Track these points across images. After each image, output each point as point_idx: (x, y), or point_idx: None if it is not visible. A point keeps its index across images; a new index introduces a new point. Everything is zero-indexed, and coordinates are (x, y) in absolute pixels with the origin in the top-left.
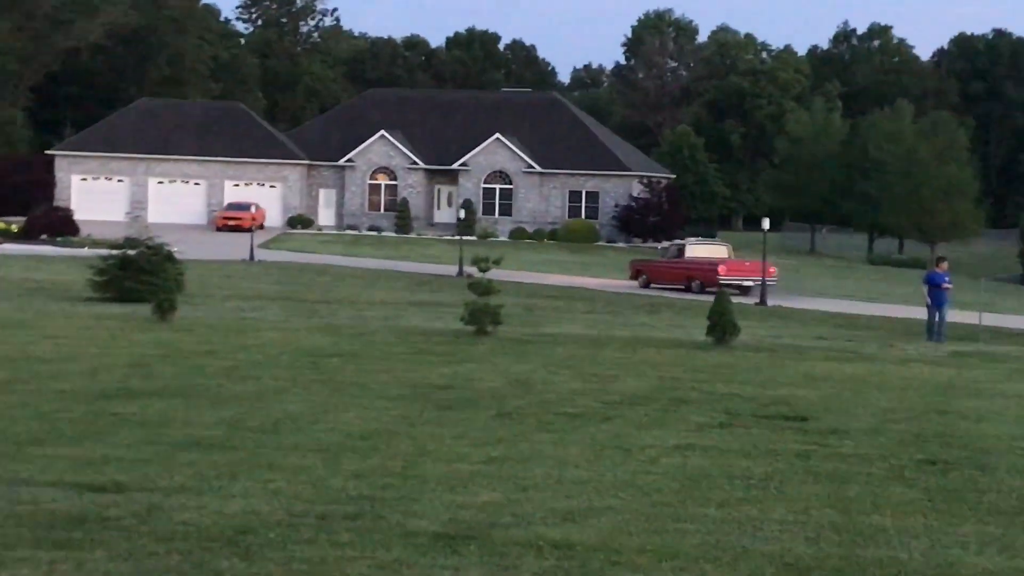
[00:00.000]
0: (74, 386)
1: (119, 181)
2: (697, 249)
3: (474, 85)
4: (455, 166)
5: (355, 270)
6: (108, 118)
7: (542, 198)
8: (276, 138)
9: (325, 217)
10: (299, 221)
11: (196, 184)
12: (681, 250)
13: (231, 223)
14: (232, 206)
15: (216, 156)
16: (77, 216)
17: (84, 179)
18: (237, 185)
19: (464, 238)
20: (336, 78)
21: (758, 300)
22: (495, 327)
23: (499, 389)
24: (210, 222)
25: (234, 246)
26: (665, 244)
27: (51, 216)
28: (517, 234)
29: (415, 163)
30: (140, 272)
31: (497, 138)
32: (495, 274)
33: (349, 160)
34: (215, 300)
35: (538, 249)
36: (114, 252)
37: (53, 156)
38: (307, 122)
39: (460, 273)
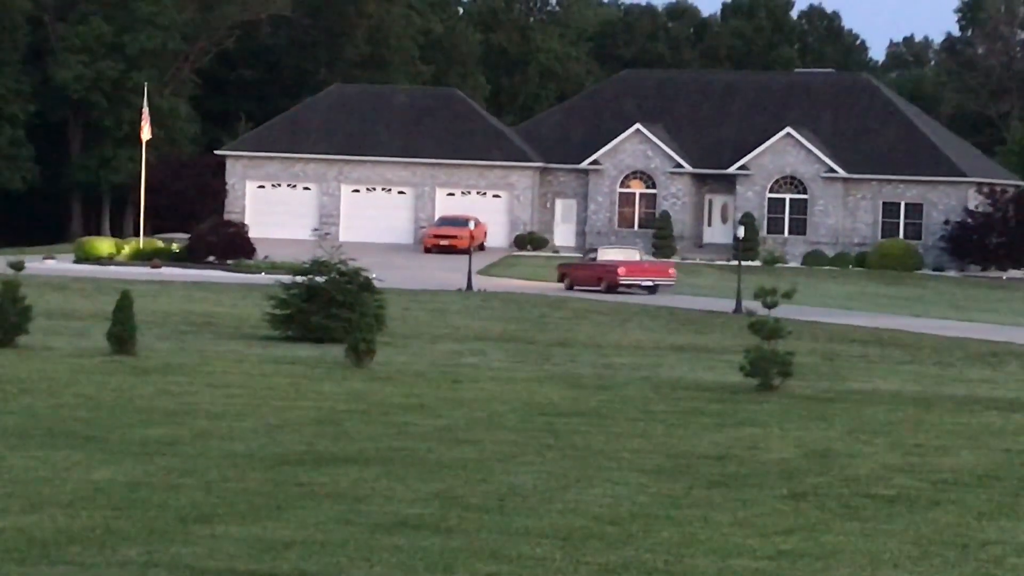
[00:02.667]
0: (248, 448)
1: (305, 189)
2: (609, 253)
3: (758, 65)
4: (732, 170)
5: (599, 304)
6: (292, 110)
7: (847, 212)
8: (502, 134)
9: (562, 235)
10: (529, 240)
11: (400, 193)
12: (596, 254)
13: (443, 243)
14: (445, 221)
15: (426, 157)
16: (252, 233)
17: (261, 186)
18: (451, 194)
19: (743, 264)
20: (579, 57)
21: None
22: (784, 380)
23: (790, 462)
24: (417, 241)
25: (447, 272)
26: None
27: (221, 233)
28: (813, 259)
29: (679, 166)
30: (330, 305)
31: (788, 133)
32: (784, 311)
33: (594, 162)
34: (423, 341)
35: (841, 279)
36: (298, 279)
37: (223, 157)
38: (541, 113)
39: (738, 309)
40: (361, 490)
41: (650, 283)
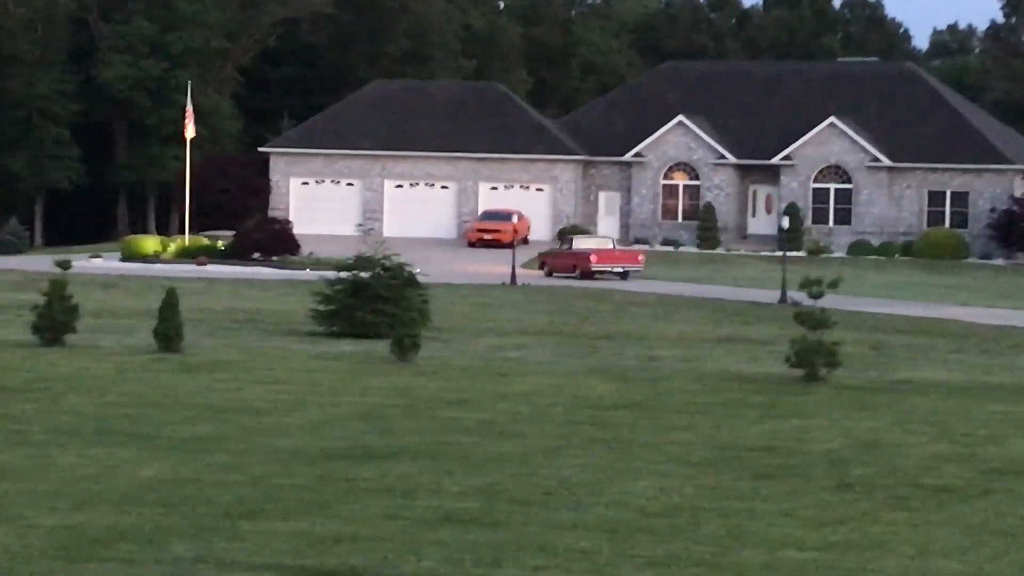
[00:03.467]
0: (295, 444)
1: (348, 185)
2: (583, 241)
3: (801, 55)
4: (776, 160)
5: (644, 296)
6: (334, 106)
7: (892, 201)
8: (544, 127)
9: (606, 228)
10: (573, 233)
11: (443, 188)
12: (572, 242)
13: (487, 236)
14: (488, 215)
15: (469, 152)
16: (296, 229)
17: (305, 183)
18: (495, 188)
19: (788, 254)
20: (621, 49)
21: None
22: (830, 371)
23: (837, 452)
24: (461, 235)
25: (491, 266)
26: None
27: (265, 230)
28: (858, 248)
29: (723, 157)
30: (375, 300)
31: (832, 123)
32: (830, 301)
33: (638, 154)
34: (468, 335)
35: (887, 268)
36: (342, 275)
37: (267, 154)
38: (583, 107)
39: (783, 300)
40: (407, 485)
41: (620, 269)
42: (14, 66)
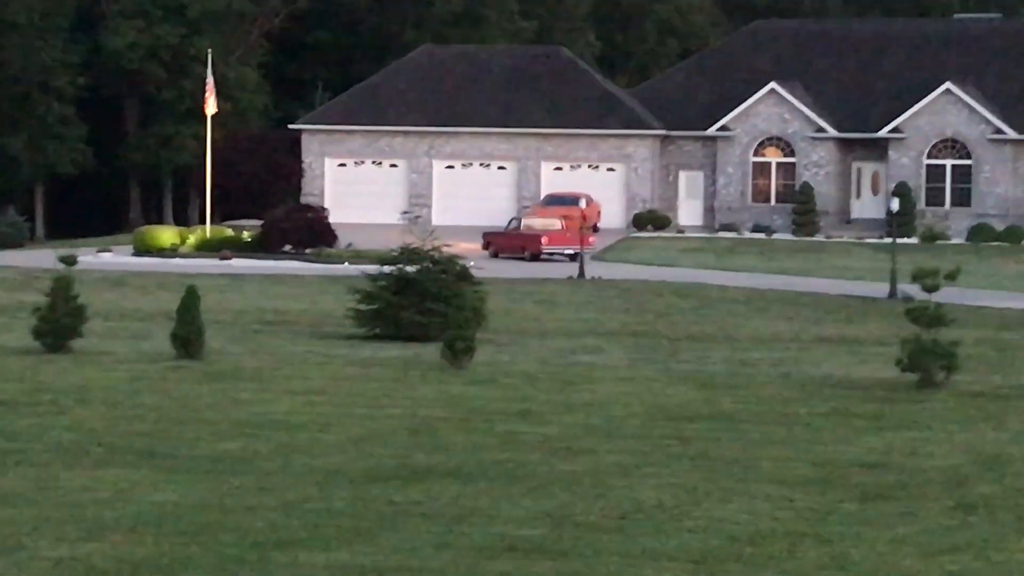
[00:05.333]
0: (333, 463)
1: (391, 166)
2: (532, 222)
3: (912, 11)
4: (883, 133)
5: (734, 291)
6: (375, 77)
7: (1018, 179)
8: (616, 98)
9: (688, 212)
10: (650, 220)
11: (500, 168)
12: (519, 223)
13: None
14: (552, 199)
15: (529, 127)
16: (333, 217)
17: (342, 164)
18: (559, 168)
19: (898, 241)
20: (703, 7)
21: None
22: (949, 375)
23: (957, 469)
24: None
25: (557, 257)
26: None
27: (297, 218)
28: (979, 234)
29: (822, 130)
30: (423, 298)
31: (947, 90)
32: (947, 295)
33: (723, 128)
34: (529, 337)
35: (1013, 256)
36: (386, 269)
37: (299, 132)
38: (661, 74)
39: (893, 294)
40: (461, 509)
41: (572, 251)
42: (10, 35)
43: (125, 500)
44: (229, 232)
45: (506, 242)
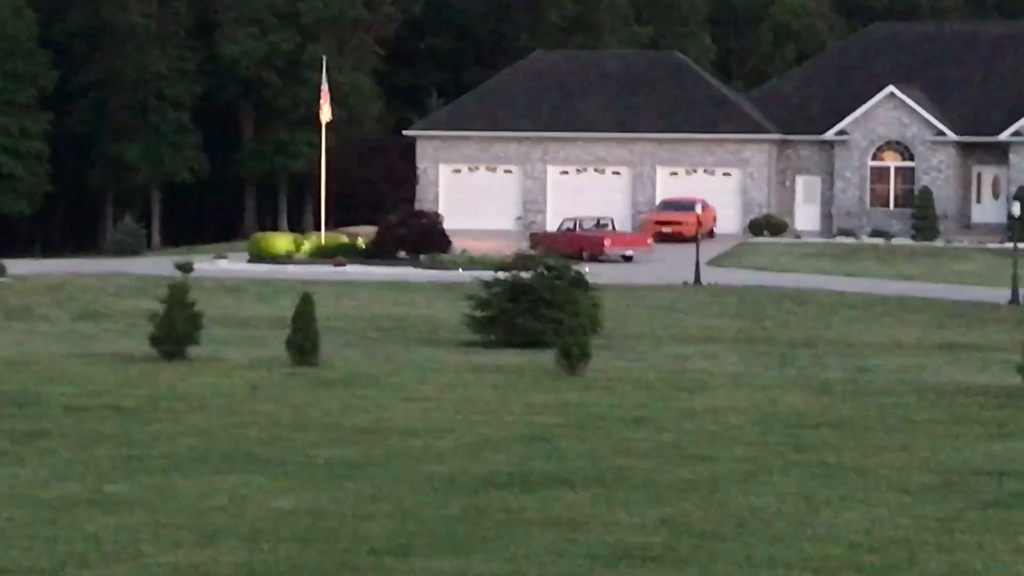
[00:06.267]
0: (449, 470)
1: (505, 172)
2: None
3: None
4: (1004, 136)
5: (851, 297)
6: (489, 82)
7: None
8: (732, 102)
9: (804, 217)
10: (766, 225)
11: (615, 174)
12: (574, 225)
13: (666, 229)
14: (668, 204)
15: (644, 132)
16: (447, 223)
17: (456, 170)
18: (674, 174)
19: (1020, 246)
20: (821, 10)
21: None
22: None
23: None
24: (636, 228)
25: (672, 263)
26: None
27: (411, 225)
28: None
29: (941, 134)
30: (538, 304)
31: None
32: None
33: (841, 132)
34: (645, 343)
35: None
36: (500, 276)
37: (413, 138)
38: (776, 77)
39: (1015, 300)
40: (577, 516)
41: (630, 253)
42: (127, 43)
43: (242, 507)
44: (344, 239)
45: (560, 244)
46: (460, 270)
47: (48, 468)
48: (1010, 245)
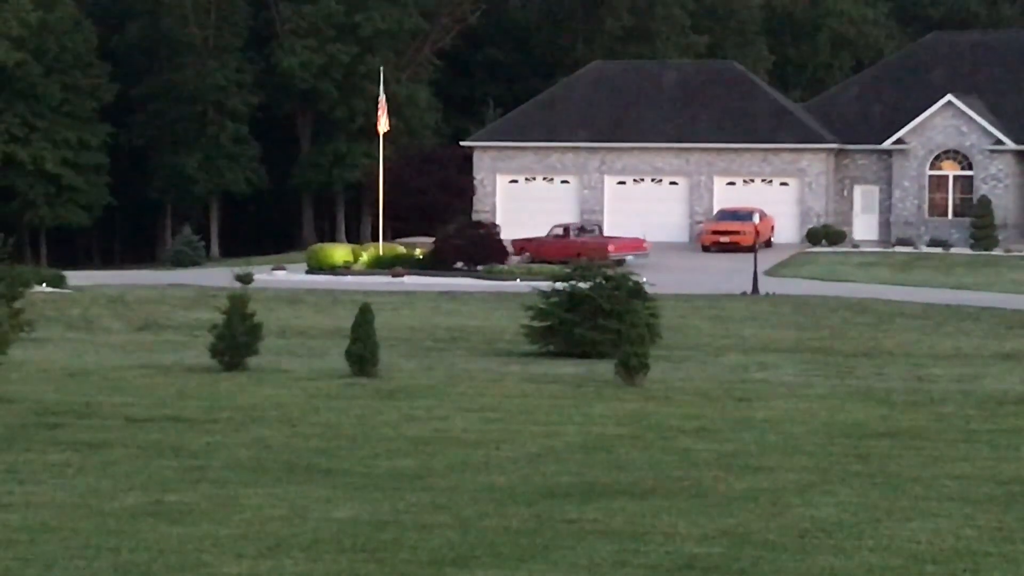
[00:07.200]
0: (508, 480)
1: (562, 182)
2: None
3: None
4: None
5: (911, 306)
6: (546, 93)
7: None
8: (789, 112)
9: (863, 227)
10: (824, 234)
11: (672, 184)
12: (566, 231)
13: (724, 239)
14: (725, 214)
15: (701, 142)
16: (504, 234)
17: (513, 181)
18: (732, 183)
19: None
20: (877, 19)
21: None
22: None
23: None
24: (693, 238)
25: (729, 272)
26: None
27: (469, 235)
28: None
29: (1000, 142)
30: (596, 314)
31: None
32: None
33: (899, 141)
34: (703, 354)
35: None
36: (558, 286)
37: (470, 149)
38: (834, 87)
39: None
40: (638, 527)
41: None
42: (185, 55)
43: (302, 517)
44: (401, 249)
45: (552, 250)
46: (518, 280)
47: (110, 479)
48: None
